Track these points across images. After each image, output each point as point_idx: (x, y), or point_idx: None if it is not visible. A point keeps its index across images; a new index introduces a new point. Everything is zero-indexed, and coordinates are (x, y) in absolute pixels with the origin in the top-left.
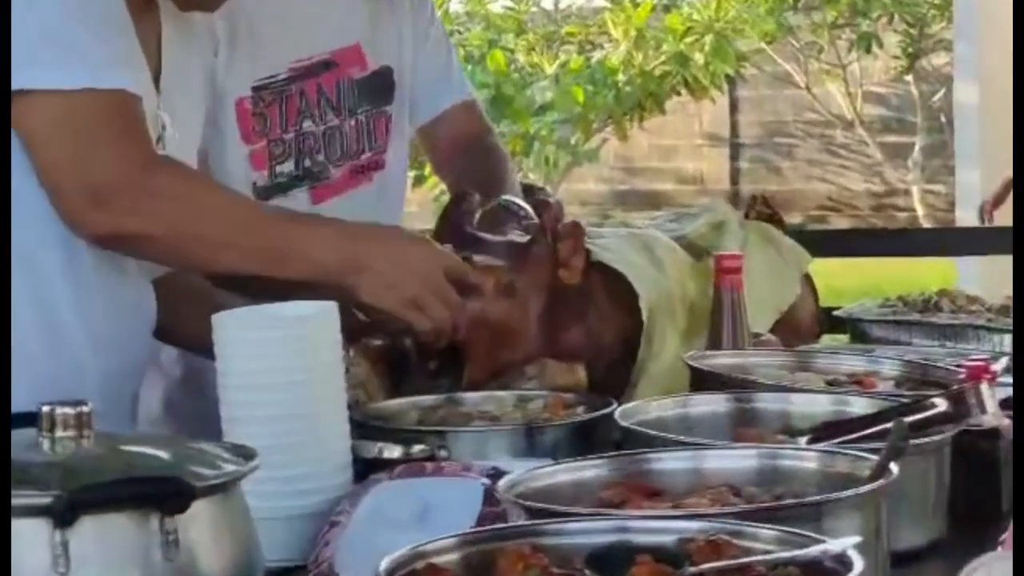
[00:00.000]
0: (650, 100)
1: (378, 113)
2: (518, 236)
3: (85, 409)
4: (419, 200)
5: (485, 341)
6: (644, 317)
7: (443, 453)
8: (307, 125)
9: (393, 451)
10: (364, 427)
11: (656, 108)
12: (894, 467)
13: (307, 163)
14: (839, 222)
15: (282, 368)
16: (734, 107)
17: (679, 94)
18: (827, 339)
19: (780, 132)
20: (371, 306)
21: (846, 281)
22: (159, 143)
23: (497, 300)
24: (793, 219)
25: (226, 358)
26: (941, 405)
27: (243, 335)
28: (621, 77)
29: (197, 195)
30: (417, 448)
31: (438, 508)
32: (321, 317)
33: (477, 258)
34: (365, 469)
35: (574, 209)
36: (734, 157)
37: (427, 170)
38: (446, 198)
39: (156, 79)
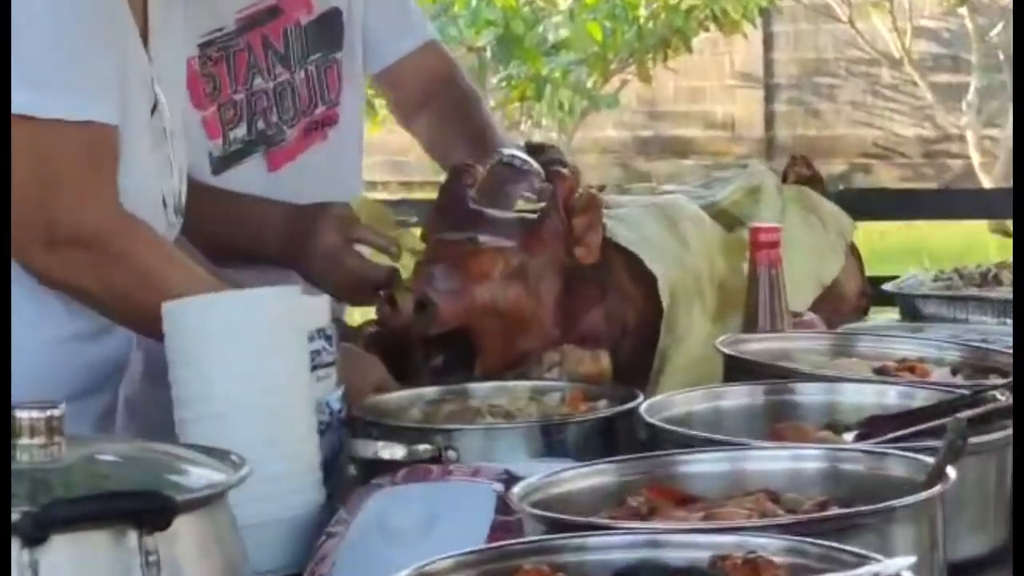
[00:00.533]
0: (676, 37)
1: (328, 61)
2: (527, 202)
3: (56, 413)
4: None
5: (497, 331)
6: (664, 302)
7: (451, 454)
8: (258, 82)
9: (395, 451)
10: (363, 424)
11: (682, 46)
12: (952, 471)
13: (260, 125)
14: (886, 170)
15: (238, 358)
16: (768, 44)
17: (707, 30)
18: (875, 315)
19: (820, 71)
20: None
21: (892, 242)
22: (153, 113)
23: (507, 285)
24: (835, 167)
25: (176, 350)
26: (1003, 398)
27: (194, 323)
28: (643, 12)
29: (152, 267)
30: (421, 448)
31: (446, 517)
32: (281, 302)
33: (483, 239)
34: (364, 471)
35: (591, 158)
36: (769, 99)
37: None
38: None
39: (144, 40)
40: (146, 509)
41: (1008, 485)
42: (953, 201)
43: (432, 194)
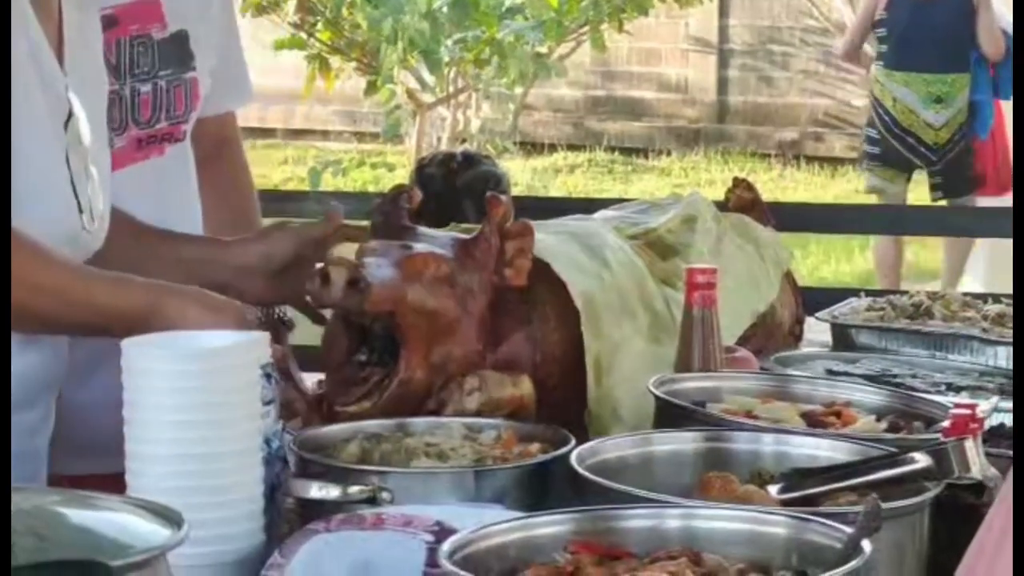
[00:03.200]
0: (631, 5)
1: (177, 79)
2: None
3: None
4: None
5: (422, 331)
6: (577, 303)
7: (385, 496)
8: None
9: (331, 491)
10: (301, 461)
11: (637, 11)
12: (867, 545)
13: None
14: (836, 139)
15: (193, 404)
16: (724, 9)
17: (663, 0)
18: (808, 340)
19: (774, 39)
20: None
21: (827, 249)
22: (66, 128)
23: (436, 289)
24: (786, 135)
25: (134, 389)
26: (921, 461)
27: (154, 365)
28: None
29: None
30: (356, 489)
31: (377, 566)
32: (241, 350)
33: (417, 246)
34: (301, 507)
35: (544, 115)
36: (723, 64)
37: (379, 79)
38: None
39: (59, 52)
40: None
41: (925, 541)
42: (896, 219)
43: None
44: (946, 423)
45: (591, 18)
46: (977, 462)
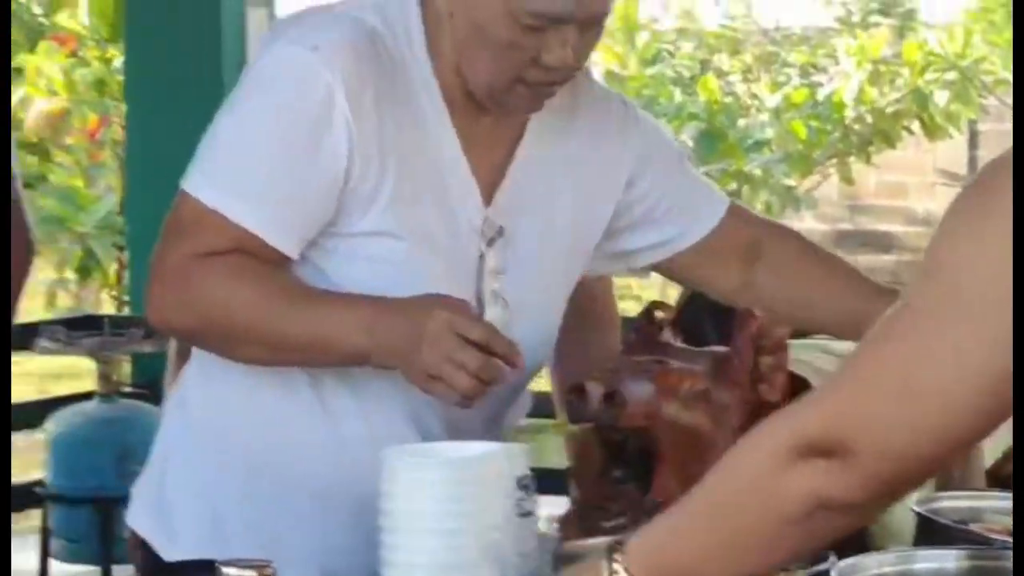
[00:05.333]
0: (878, 137)
1: None
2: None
3: (268, 571)
4: None
5: (678, 446)
6: None
7: None
8: None
9: None
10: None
11: (885, 144)
12: None
13: None
14: None
15: (447, 513)
16: (974, 142)
17: (911, 133)
18: None
19: None
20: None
21: None
22: (481, 259)
23: (692, 406)
24: None
25: (391, 497)
26: None
27: (411, 475)
28: (850, 113)
29: (229, 289)
30: None
31: None
32: (495, 460)
33: (672, 362)
34: None
35: None
36: None
37: None
38: None
39: (493, 184)
40: None
41: None
42: None
43: None
44: None
45: (839, 151)
46: None
